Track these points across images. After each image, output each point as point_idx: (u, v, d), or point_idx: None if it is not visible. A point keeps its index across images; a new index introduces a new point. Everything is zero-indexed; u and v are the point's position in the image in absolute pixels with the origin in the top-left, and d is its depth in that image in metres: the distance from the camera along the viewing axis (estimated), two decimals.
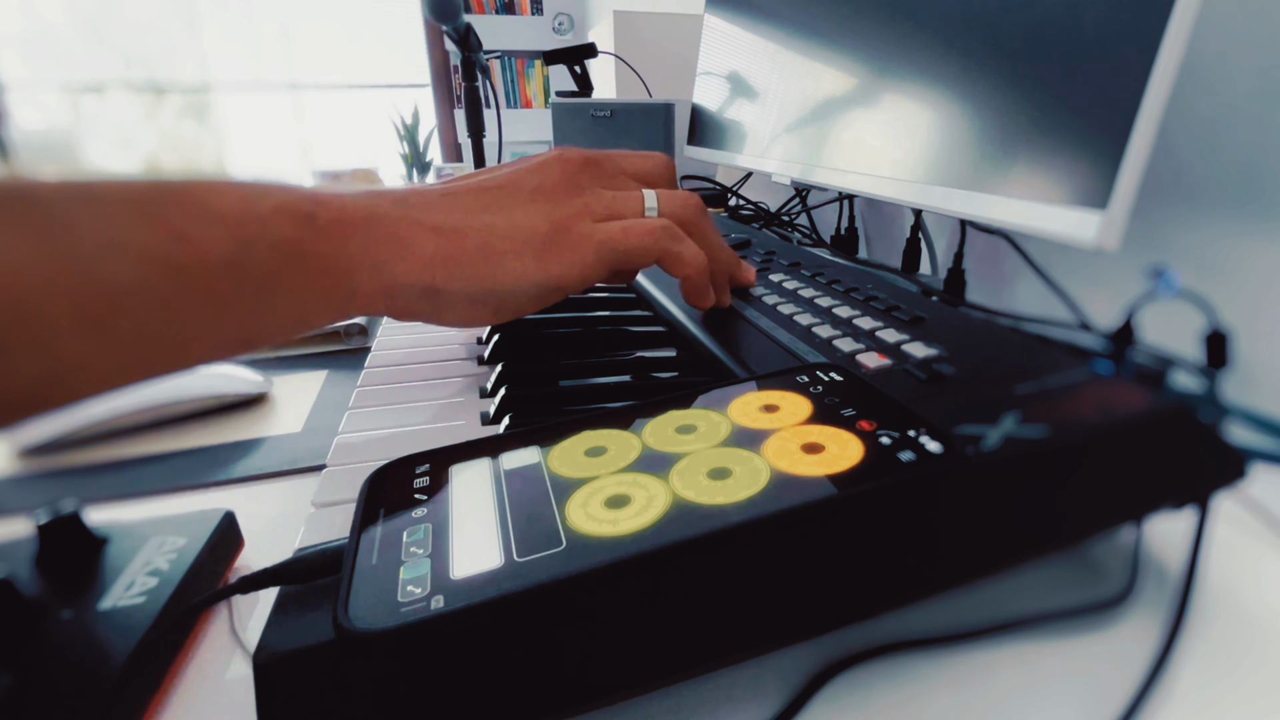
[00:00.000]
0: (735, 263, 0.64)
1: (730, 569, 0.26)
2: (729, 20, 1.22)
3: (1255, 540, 0.41)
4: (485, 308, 0.50)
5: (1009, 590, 0.36)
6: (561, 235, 0.52)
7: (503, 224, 0.51)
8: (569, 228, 0.52)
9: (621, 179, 0.59)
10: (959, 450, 0.29)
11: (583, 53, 1.78)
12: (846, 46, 0.83)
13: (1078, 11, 0.51)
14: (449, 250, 0.48)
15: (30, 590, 0.37)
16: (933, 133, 0.65)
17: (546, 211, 0.52)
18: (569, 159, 0.56)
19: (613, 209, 0.55)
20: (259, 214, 0.42)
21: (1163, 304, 0.51)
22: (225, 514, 0.45)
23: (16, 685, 0.31)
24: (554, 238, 0.51)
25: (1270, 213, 0.57)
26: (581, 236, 0.52)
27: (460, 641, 0.23)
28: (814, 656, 0.32)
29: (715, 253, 0.60)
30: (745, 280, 0.65)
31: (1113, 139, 0.46)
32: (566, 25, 4.99)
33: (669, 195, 0.58)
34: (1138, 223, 0.62)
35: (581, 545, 0.26)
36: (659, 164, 0.63)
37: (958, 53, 0.63)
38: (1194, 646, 0.32)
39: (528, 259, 0.50)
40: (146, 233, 0.38)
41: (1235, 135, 0.60)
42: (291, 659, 0.24)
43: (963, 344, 0.42)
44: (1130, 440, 0.32)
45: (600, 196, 0.55)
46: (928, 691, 0.31)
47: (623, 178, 0.59)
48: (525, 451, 0.33)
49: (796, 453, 0.30)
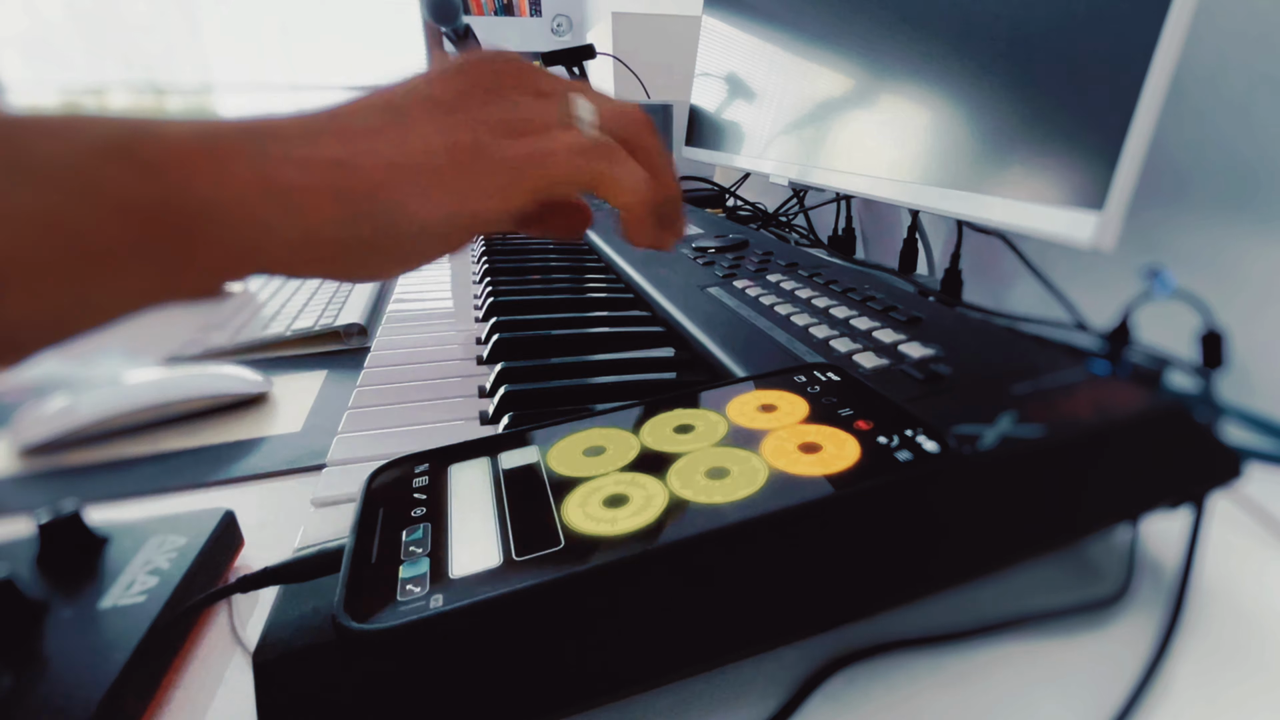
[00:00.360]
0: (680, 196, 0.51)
1: (728, 568, 0.26)
2: (727, 22, 1.22)
3: (1251, 539, 0.40)
4: (385, 256, 0.39)
5: (1006, 589, 0.36)
6: (467, 157, 0.40)
7: (390, 149, 0.39)
8: (476, 147, 0.41)
9: (551, 81, 0.46)
10: (955, 450, 0.29)
11: (581, 54, 1.78)
12: (844, 48, 0.83)
13: (1074, 14, 0.51)
14: (322, 190, 0.36)
15: (31, 589, 0.37)
16: (929, 134, 0.65)
17: (446, 128, 0.41)
18: (478, 60, 0.44)
19: (534, 121, 0.43)
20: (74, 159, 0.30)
21: (1158, 304, 0.51)
22: (225, 513, 0.45)
23: (18, 684, 0.31)
24: (459, 161, 0.40)
25: (1266, 214, 0.57)
26: (493, 158, 0.41)
27: (459, 640, 0.23)
28: (812, 655, 0.32)
29: (662, 177, 0.48)
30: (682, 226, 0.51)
31: (1109, 140, 0.46)
32: (565, 26, 4.98)
33: (605, 103, 0.46)
34: (1134, 223, 0.62)
35: (580, 544, 0.26)
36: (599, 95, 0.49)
37: (954, 54, 0.63)
38: (1190, 645, 0.32)
39: (430, 191, 0.39)
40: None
41: (1232, 137, 0.60)
42: (292, 658, 0.24)
43: (959, 344, 0.42)
44: (1126, 440, 0.32)
45: (516, 106, 0.43)
46: (925, 690, 0.31)
47: (554, 80, 0.47)
48: (524, 451, 0.33)
49: (794, 452, 0.30)
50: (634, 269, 0.73)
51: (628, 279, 0.74)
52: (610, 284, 0.78)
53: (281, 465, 0.56)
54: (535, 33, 4.97)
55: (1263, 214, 0.57)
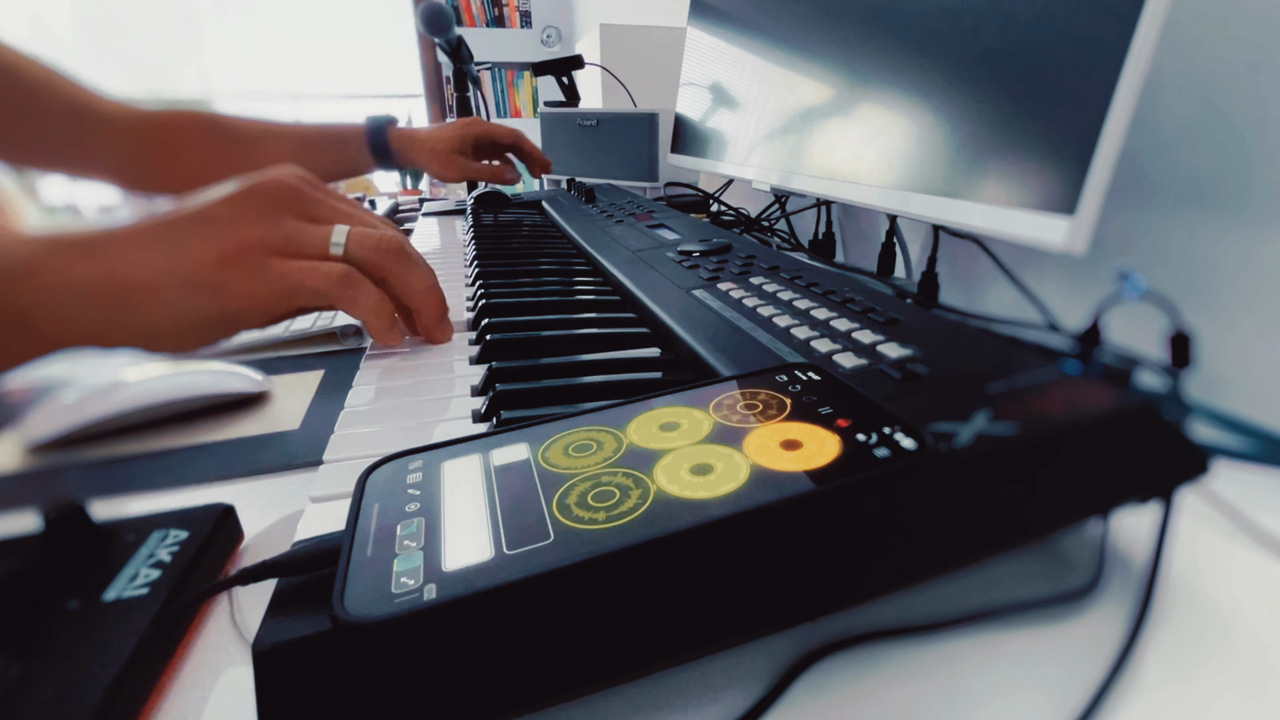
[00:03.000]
0: (435, 307, 0.62)
1: (712, 561, 0.26)
2: (711, 33, 1.22)
3: (1218, 534, 0.41)
4: (159, 340, 0.50)
5: (980, 581, 0.36)
6: (230, 267, 0.50)
7: (163, 259, 0.49)
8: (239, 260, 0.50)
9: (327, 211, 0.56)
10: (932, 447, 0.29)
11: (570, 64, 1.78)
12: (824, 58, 0.83)
13: (1047, 24, 0.51)
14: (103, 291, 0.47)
15: (39, 581, 0.37)
16: (907, 141, 0.65)
17: (216, 241, 0.50)
18: (269, 186, 0.54)
19: (292, 244, 0.53)
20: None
21: (1129, 306, 0.51)
22: (226, 508, 0.45)
23: (26, 672, 0.31)
24: (223, 269, 0.49)
25: (1234, 218, 0.58)
26: (254, 269, 0.50)
27: (451, 630, 0.23)
28: (793, 645, 0.32)
29: (411, 298, 0.60)
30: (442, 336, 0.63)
31: (1081, 146, 0.46)
32: (554, 38, 4.99)
33: (361, 235, 0.55)
34: (1105, 227, 0.63)
35: (569, 538, 0.26)
36: (382, 221, 0.60)
37: (931, 64, 0.63)
38: (1158, 635, 0.33)
39: (190, 292, 0.49)
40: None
41: (1201, 143, 0.60)
42: (290, 648, 0.24)
43: (936, 345, 0.42)
44: (1097, 437, 0.32)
45: (281, 228, 0.53)
46: (903, 679, 0.31)
47: (329, 210, 0.57)
48: (515, 448, 0.33)
49: (776, 449, 0.30)
50: (621, 273, 0.73)
51: (616, 282, 0.74)
52: (598, 286, 0.78)
53: (280, 462, 0.55)
54: (525, 43, 4.99)
55: (1231, 219, 0.58)
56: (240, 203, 0.52)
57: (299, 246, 0.53)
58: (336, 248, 0.54)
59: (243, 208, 0.52)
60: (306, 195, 0.55)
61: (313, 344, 0.84)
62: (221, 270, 0.49)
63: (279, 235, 0.52)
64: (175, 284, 0.48)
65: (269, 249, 0.51)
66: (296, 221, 0.54)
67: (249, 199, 0.52)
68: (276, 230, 0.52)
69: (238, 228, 0.51)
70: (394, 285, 0.58)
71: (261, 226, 0.52)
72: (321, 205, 0.56)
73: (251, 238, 0.51)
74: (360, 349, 0.82)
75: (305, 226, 0.54)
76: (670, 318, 0.56)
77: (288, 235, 0.52)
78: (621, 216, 1.04)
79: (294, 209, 0.54)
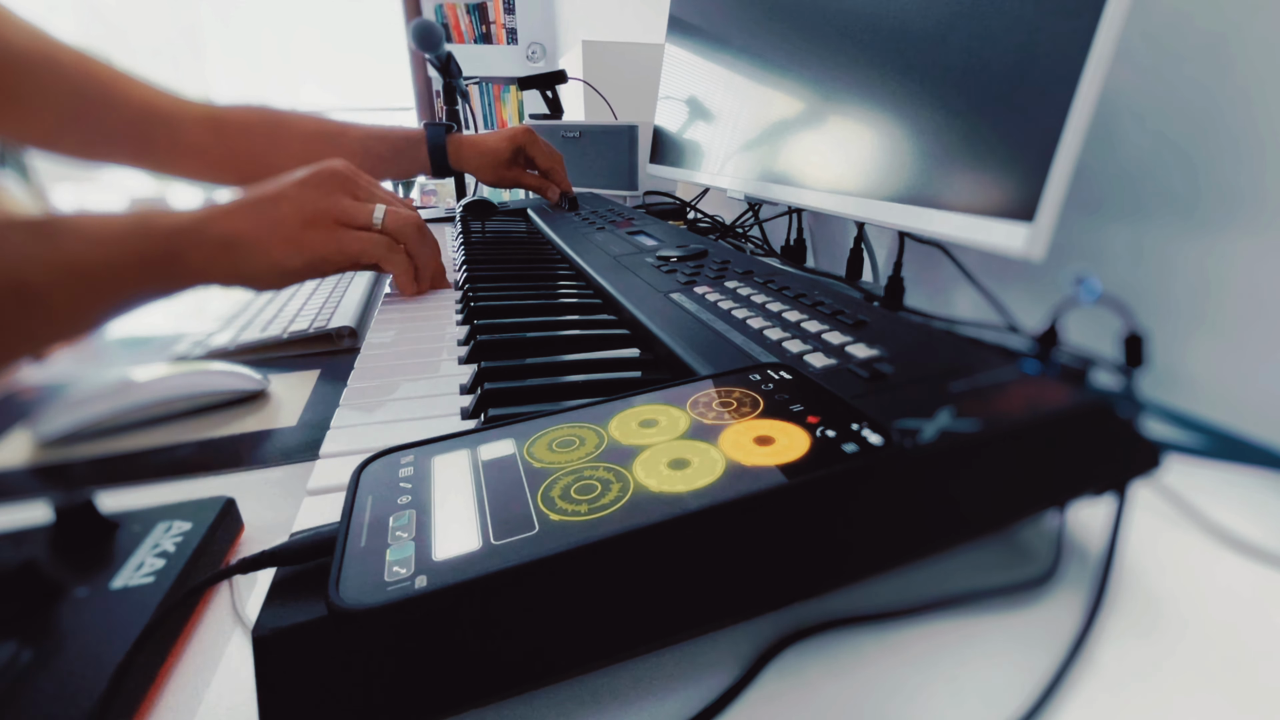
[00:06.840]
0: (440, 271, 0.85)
1: (688, 551, 0.26)
2: (688, 49, 1.22)
3: (1169, 525, 0.41)
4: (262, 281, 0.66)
5: (944, 570, 0.36)
6: (309, 229, 0.67)
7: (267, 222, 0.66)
8: (315, 224, 0.68)
9: (366, 194, 0.74)
10: (898, 443, 0.29)
11: (554, 79, 1.78)
12: (795, 73, 0.83)
13: (1007, 40, 0.51)
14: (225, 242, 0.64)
15: (50, 570, 0.37)
16: (874, 152, 0.66)
17: (299, 211, 0.67)
18: (328, 173, 0.71)
19: (346, 215, 0.70)
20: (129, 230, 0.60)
21: (1085, 309, 0.51)
22: (227, 500, 0.45)
23: (37, 657, 0.32)
24: (304, 230, 0.67)
25: (1183, 226, 0.58)
26: (325, 232, 0.68)
27: (441, 617, 0.23)
28: (767, 631, 0.32)
29: (421, 262, 0.80)
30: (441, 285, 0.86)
31: (1039, 156, 0.47)
32: (539, 53, 4.98)
33: (394, 214, 0.74)
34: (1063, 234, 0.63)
35: (552, 529, 0.26)
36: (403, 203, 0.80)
37: (896, 78, 0.64)
38: (1113, 621, 0.33)
39: (283, 245, 0.66)
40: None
41: (1159, 156, 0.60)
42: (288, 633, 0.24)
43: (901, 345, 0.42)
44: (1054, 433, 0.32)
45: (340, 203, 0.70)
46: (869, 663, 0.31)
47: (368, 193, 0.75)
48: (501, 443, 0.33)
49: (749, 445, 0.30)
50: (602, 277, 0.73)
51: (597, 285, 0.74)
52: (580, 290, 0.78)
53: (278, 457, 0.55)
54: (511, 59, 4.99)
55: (1182, 226, 0.58)
56: (310, 184, 0.69)
57: (351, 218, 0.71)
58: (377, 222, 0.72)
59: (312, 188, 0.69)
60: (354, 180, 0.73)
61: (309, 345, 0.84)
62: (303, 231, 0.67)
63: (339, 209, 0.70)
64: (276, 240, 0.66)
65: (332, 218, 0.69)
66: (348, 199, 0.72)
67: (316, 181, 0.70)
68: (337, 205, 0.70)
69: (311, 202, 0.68)
70: (414, 252, 0.78)
71: (327, 201, 0.69)
72: (363, 189, 0.74)
73: (321, 209, 0.69)
74: (354, 350, 0.82)
75: (354, 204, 0.72)
76: (649, 320, 0.56)
77: (344, 209, 0.70)
78: (603, 224, 1.05)
79: (346, 190, 0.72)
